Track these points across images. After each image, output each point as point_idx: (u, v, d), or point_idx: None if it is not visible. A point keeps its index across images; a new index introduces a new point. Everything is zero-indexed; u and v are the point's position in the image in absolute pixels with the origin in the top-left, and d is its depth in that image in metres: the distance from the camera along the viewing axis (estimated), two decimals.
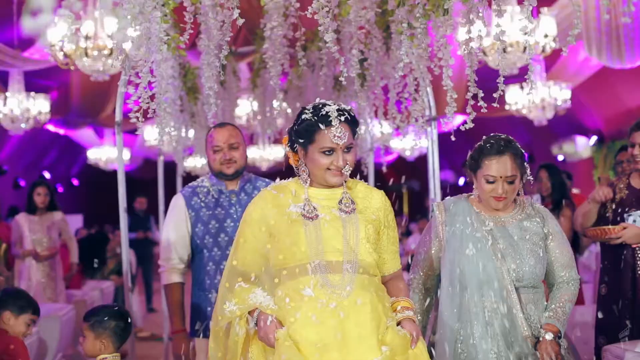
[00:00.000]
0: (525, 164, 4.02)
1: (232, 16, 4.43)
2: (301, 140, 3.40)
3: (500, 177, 3.94)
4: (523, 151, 4.03)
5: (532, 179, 4.05)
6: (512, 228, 4.03)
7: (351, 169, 3.40)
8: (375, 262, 3.43)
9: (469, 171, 4.13)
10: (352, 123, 3.39)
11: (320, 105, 3.38)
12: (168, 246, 4.84)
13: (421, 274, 4.18)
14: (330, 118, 3.31)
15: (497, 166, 3.93)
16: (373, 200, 3.52)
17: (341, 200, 3.45)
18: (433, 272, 4.16)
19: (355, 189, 3.54)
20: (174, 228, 4.83)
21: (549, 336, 3.90)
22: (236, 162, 4.80)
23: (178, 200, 4.89)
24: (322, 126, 3.32)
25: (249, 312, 3.33)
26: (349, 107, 3.42)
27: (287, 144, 3.50)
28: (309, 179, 3.46)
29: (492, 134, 4.08)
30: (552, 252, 4.07)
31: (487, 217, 4.06)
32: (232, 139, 4.81)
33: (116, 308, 4.42)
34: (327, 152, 3.35)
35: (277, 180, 3.63)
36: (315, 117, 3.34)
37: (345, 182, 3.49)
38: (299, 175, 3.51)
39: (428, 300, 4.22)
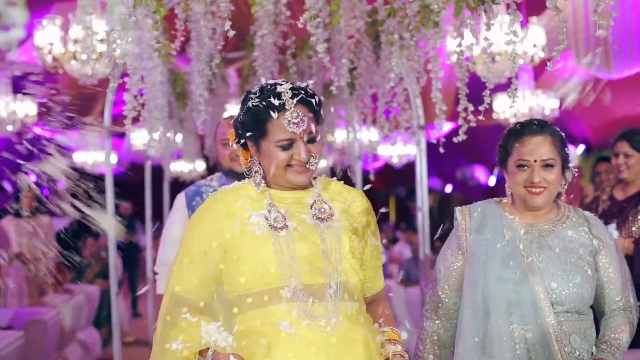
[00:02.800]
0: (567, 150, 3.23)
1: (223, 25, 4.43)
2: (249, 134, 2.69)
3: (535, 161, 3.13)
4: (563, 135, 3.22)
5: (576, 171, 3.29)
6: (552, 238, 3.19)
7: (318, 162, 2.71)
8: (361, 284, 2.74)
9: (500, 168, 3.33)
10: (312, 104, 2.68)
11: (269, 86, 2.68)
12: (164, 250, 4.31)
13: (442, 295, 3.32)
14: (283, 100, 2.62)
15: (531, 147, 3.14)
16: (353, 204, 2.80)
17: (313, 205, 2.73)
18: (456, 294, 3.29)
19: (330, 190, 2.82)
20: (172, 230, 4.29)
21: None
22: None
23: (179, 200, 4.39)
24: (273, 113, 2.61)
25: (200, 353, 2.60)
26: (305, 84, 2.73)
27: (234, 140, 2.79)
28: (263, 181, 2.74)
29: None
30: (605, 271, 3.21)
31: (522, 225, 3.23)
32: None
33: None
34: (284, 146, 2.64)
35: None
36: (264, 103, 2.63)
37: (316, 180, 2.82)
38: (251, 178, 2.77)
39: (451, 330, 3.32)
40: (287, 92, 2.63)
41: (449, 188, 20.88)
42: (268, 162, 2.68)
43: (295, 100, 2.63)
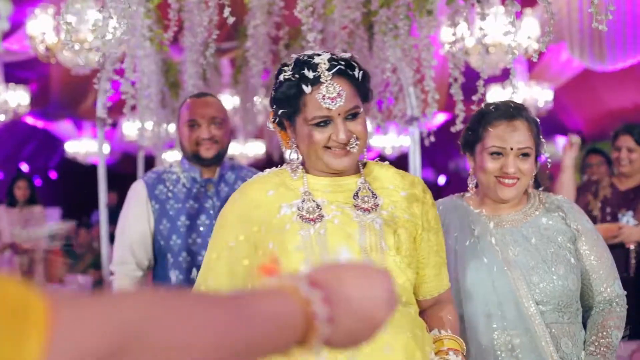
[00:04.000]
0: (541, 137, 2.88)
1: (217, 14, 4.41)
2: (283, 111, 2.36)
3: (511, 149, 2.77)
4: (538, 120, 2.89)
5: (550, 161, 3.07)
6: (526, 228, 2.86)
7: (361, 143, 2.34)
8: (410, 285, 2.38)
9: (465, 153, 3.00)
10: (354, 77, 2.33)
11: (305, 57, 2.34)
12: (123, 246, 3.84)
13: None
14: (318, 72, 2.27)
15: (506, 133, 2.78)
16: (406, 192, 2.44)
17: (357, 193, 2.39)
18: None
19: (378, 176, 2.46)
20: (132, 223, 3.83)
21: None
22: (218, 142, 3.75)
23: (138, 188, 3.87)
24: (306, 87, 2.28)
25: None
26: (348, 55, 2.39)
27: (272, 119, 2.44)
28: (301, 167, 2.43)
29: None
30: (586, 259, 2.87)
31: (491, 218, 2.90)
32: (213, 112, 3.76)
33: None
34: (321, 124, 2.30)
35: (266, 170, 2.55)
36: (297, 75, 2.30)
37: (364, 165, 2.48)
38: (288, 162, 2.46)
39: None
40: (324, 64, 2.29)
41: (442, 179, 20.90)
42: (304, 143, 2.36)
43: (332, 73, 2.28)
